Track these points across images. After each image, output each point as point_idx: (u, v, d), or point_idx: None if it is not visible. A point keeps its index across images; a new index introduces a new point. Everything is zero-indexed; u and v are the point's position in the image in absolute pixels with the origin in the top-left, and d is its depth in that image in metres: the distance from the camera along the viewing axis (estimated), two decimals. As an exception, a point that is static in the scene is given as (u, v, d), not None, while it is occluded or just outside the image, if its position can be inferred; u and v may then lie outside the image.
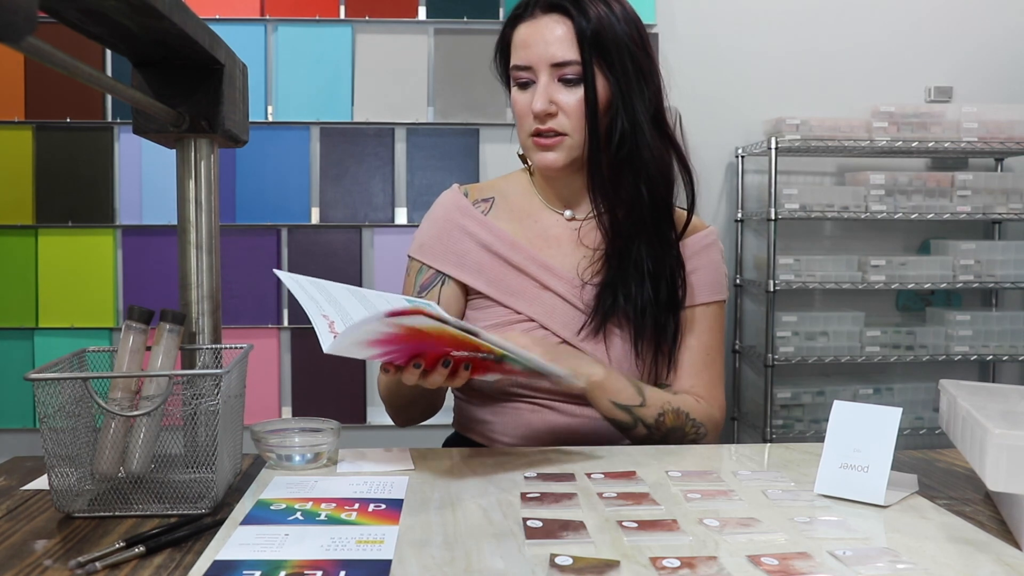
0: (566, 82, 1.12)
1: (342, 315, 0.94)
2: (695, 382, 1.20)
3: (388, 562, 0.69)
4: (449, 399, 1.32)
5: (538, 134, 1.14)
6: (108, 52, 2.86)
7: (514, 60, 1.16)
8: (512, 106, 1.19)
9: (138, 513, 0.83)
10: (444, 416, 1.28)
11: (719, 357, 1.23)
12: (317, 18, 2.92)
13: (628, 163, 1.14)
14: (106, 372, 0.92)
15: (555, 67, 1.12)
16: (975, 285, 2.93)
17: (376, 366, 1.13)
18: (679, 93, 1.22)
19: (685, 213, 1.21)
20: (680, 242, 1.20)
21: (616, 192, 1.16)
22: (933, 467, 1.03)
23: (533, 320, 1.17)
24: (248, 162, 2.92)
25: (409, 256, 1.25)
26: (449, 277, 1.21)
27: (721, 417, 1.21)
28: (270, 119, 2.93)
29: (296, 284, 0.97)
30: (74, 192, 2.88)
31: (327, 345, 0.87)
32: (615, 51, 1.12)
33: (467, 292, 1.22)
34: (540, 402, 1.18)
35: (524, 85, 1.16)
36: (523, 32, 1.15)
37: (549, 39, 1.12)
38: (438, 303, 1.19)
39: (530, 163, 1.24)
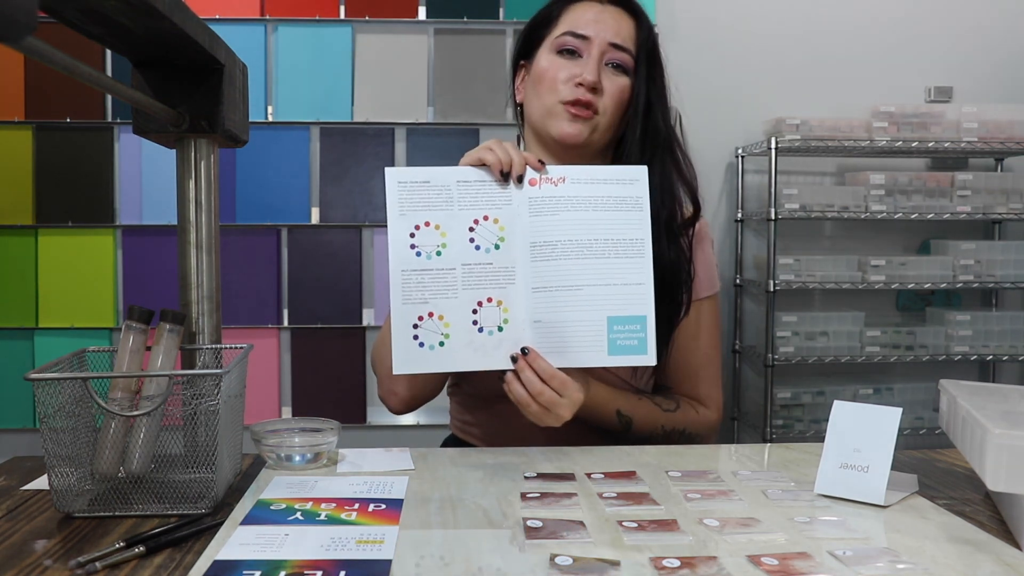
0: (614, 68, 1.15)
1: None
2: (694, 383, 1.20)
3: (388, 562, 0.69)
4: (445, 400, 1.31)
5: (573, 104, 1.13)
6: (108, 52, 2.86)
7: (569, 26, 1.16)
8: (542, 72, 1.16)
9: (138, 513, 0.83)
10: (441, 416, 1.28)
11: (717, 353, 1.22)
12: (317, 18, 2.92)
13: (652, 172, 1.14)
14: (106, 372, 0.92)
15: (611, 48, 1.14)
16: (975, 285, 2.93)
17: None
18: (679, 93, 1.23)
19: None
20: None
21: None
22: (933, 467, 1.03)
23: None
24: (248, 162, 2.92)
25: None
26: None
27: (719, 418, 1.21)
28: (270, 119, 2.93)
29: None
30: (74, 192, 2.88)
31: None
32: (658, 71, 1.18)
33: None
34: None
35: (568, 52, 1.15)
36: (587, 7, 1.17)
37: (616, 24, 1.15)
38: None
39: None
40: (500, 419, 1.19)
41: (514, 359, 0.98)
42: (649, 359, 0.99)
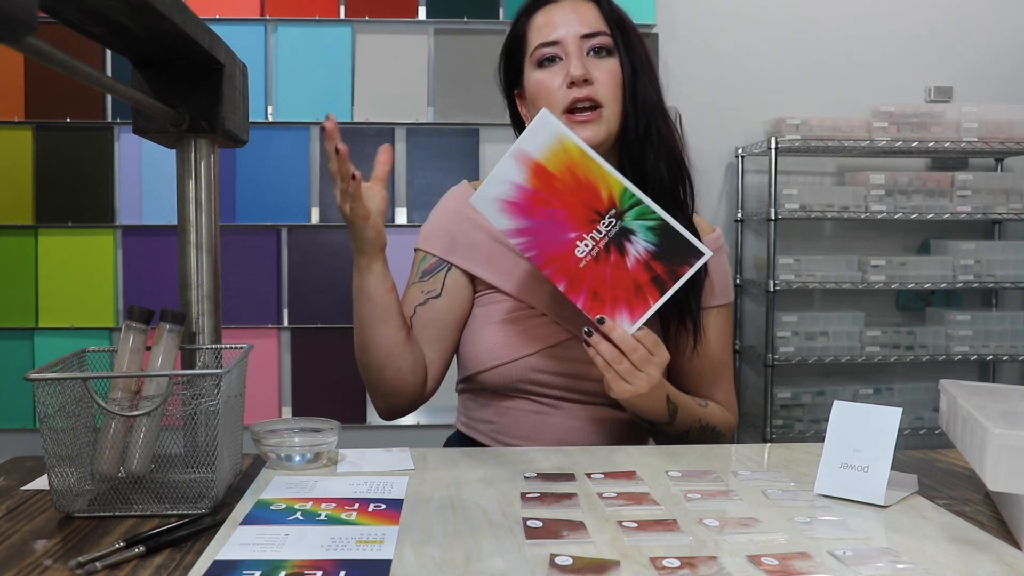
0: (596, 54, 1.14)
1: None
2: (713, 389, 1.21)
3: (388, 562, 0.69)
4: (452, 399, 1.31)
5: (573, 109, 1.12)
6: (108, 52, 2.86)
7: (538, 39, 1.16)
8: (535, 90, 1.15)
9: (138, 513, 0.83)
10: (445, 416, 1.28)
11: (730, 360, 1.25)
12: (317, 18, 2.92)
13: (649, 141, 1.15)
14: (106, 372, 0.92)
15: (585, 38, 1.13)
16: (975, 285, 2.93)
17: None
18: (679, 93, 1.23)
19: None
20: None
21: (642, 171, 1.15)
22: (933, 467, 1.03)
23: (546, 315, 1.17)
24: (248, 162, 2.92)
25: (416, 248, 1.24)
26: (455, 266, 1.19)
27: (736, 421, 1.23)
28: (270, 119, 2.93)
29: None
30: (74, 192, 2.88)
31: (474, 196, 1.02)
32: (633, 36, 1.16)
33: (475, 288, 1.21)
34: (545, 402, 1.17)
35: (548, 62, 1.15)
36: (547, 13, 1.17)
37: (578, 16, 1.15)
38: (441, 290, 1.18)
39: None
40: (508, 418, 1.19)
41: (588, 332, 1.00)
42: (706, 252, 1.00)
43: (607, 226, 0.99)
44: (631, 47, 1.15)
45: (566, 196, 0.99)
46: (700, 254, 0.99)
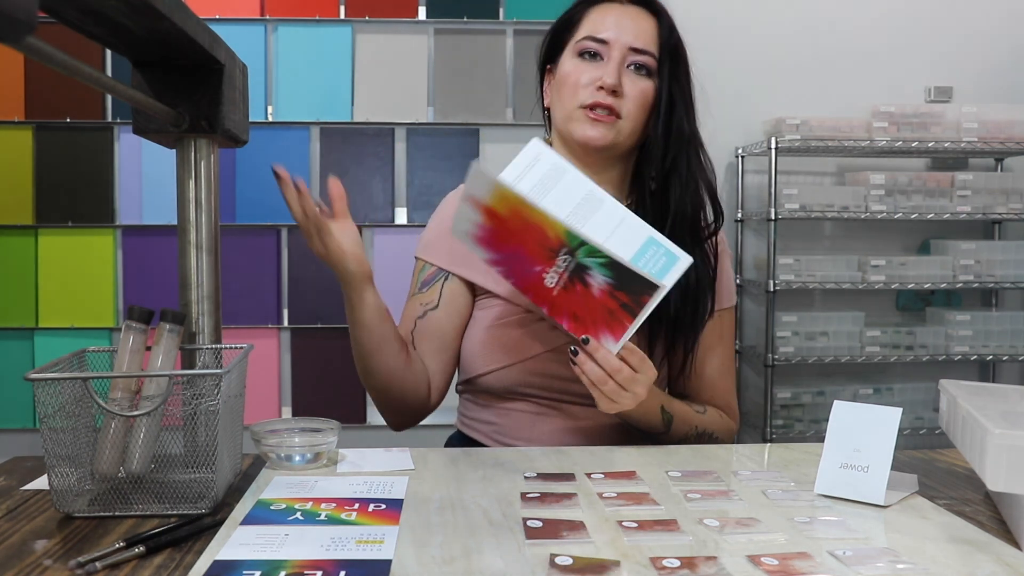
0: (636, 69, 1.14)
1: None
2: (714, 394, 1.21)
3: (388, 562, 0.69)
4: (453, 399, 1.31)
5: (593, 107, 1.12)
6: (108, 52, 2.86)
7: (589, 30, 1.15)
8: (565, 76, 1.15)
9: (138, 513, 0.83)
10: (445, 416, 1.28)
11: (732, 364, 1.24)
12: (317, 18, 2.92)
13: (677, 173, 1.14)
14: (106, 372, 0.92)
15: (632, 52, 1.13)
16: (975, 285, 2.93)
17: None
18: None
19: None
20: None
21: (665, 201, 1.15)
22: (933, 467, 1.03)
23: (544, 320, 1.17)
24: (248, 162, 2.92)
25: (416, 257, 1.25)
26: (453, 274, 1.20)
27: (737, 426, 1.23)
28: (270, 119, 2.93)
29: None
30: (74, 192, 2.88)
31: (452, 229, 1.04)
32: (683, 68, 1.18)
33: (475, 292, 1.21)
34: (544, 404, 1.17)
35: (588, 56, 1.15)
36: (607, 10, 1.16)
37: (635, 27, 1.14)
38: (439, 299, 1.19)
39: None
40: (508, 419, 1.19)
41: (574, 351, 0.99)
42: (686, 259, 0.98)
43: (564, 262, 0.97)
44: (676, 76, 1.16)
45: (521, 235, 0.97)
46: (656, 287, 0.96)
